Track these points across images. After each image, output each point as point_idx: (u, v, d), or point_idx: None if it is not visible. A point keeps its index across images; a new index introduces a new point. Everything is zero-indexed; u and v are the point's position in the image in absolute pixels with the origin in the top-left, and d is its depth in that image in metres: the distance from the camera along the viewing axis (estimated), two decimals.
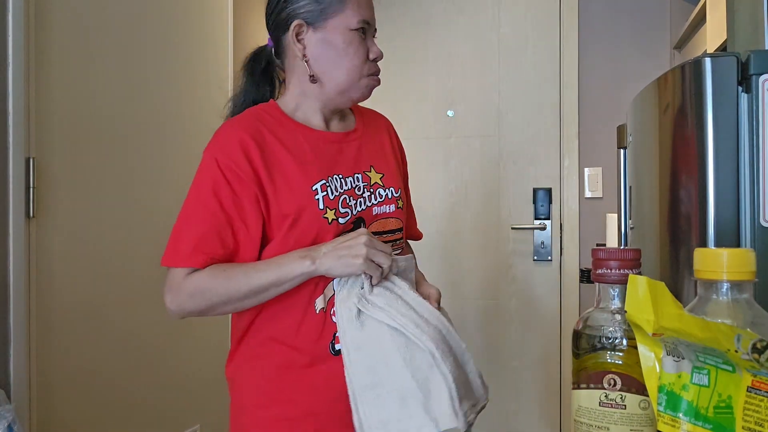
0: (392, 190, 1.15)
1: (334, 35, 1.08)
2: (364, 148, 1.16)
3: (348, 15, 1.08)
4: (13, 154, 1.31)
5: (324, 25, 1.08)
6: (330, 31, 1.08)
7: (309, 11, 1.08)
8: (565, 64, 2.72)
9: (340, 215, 1.06)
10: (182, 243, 1.04)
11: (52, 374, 1.41)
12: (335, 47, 1.08)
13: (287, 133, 1.08)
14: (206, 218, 1.01)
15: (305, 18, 1.08)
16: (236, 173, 1.01)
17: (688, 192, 1.09)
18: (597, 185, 2.68)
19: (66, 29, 1.46)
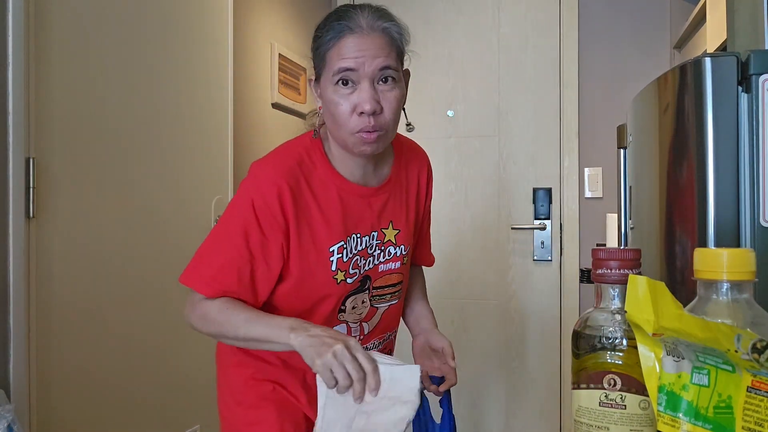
0: (402, 248, 1.16)
1: (324, 89, 1.06)
2: (390, 201, 1.15)
3: (329, 67, 1.03)
4: (13, 154, 1.31)
5: (320, 79, 1.07)
6: (322, 85, 1.06)
7: (316, 65, 1.08)
8: (565, 64, 2.72)
9: (349, 276, 1.09)
10: (204, 269, 1.06)
11: (52, 374, 1.41)
12: (326, 103, 1.06)
13: (322, 184, 1.08)
14: (231, 252, 1.03)
15: (317, 71, 1.08)
16: (269, 220, 1.03)
17: (688, 192, 1.09)
18: (597, 185, 2.68)
19: (66, 29, 1.46)
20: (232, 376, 1.17)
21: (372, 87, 1.01)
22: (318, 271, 1.06)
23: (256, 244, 1.03)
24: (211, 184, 1.99)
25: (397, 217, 1.16)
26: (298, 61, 2.64)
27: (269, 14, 2.45)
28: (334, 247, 1.07)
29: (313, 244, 1.06)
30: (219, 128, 2.03)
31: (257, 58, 2.34)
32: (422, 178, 1.26)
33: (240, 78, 2.21)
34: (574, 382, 0.60)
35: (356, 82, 1.01)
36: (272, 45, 2.44)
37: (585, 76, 2.70)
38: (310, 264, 1.06)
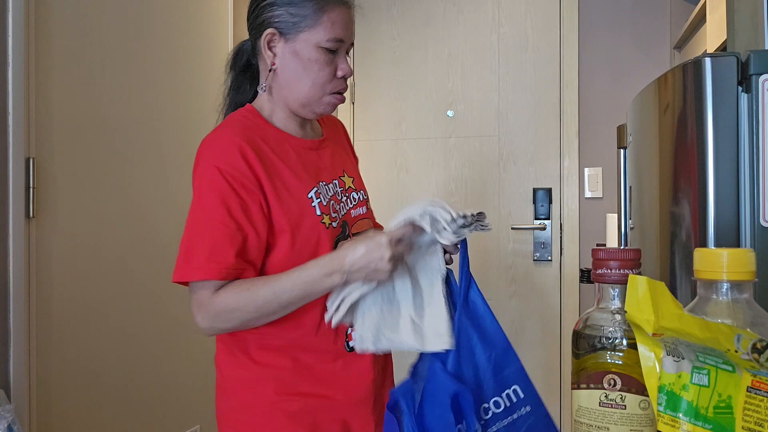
0: (362, 193, 1.20)
1: (303, 49, 1.08)
2: (335, 152, 1.19)
3: (319, 31, 1.07)
4: (13, 154, 1.31)
5: (295, 38, 1.08)
6: (300, 44, 1.08)
7: (283, 21, 1.08)
8: (565, 64, 2.72)
9: (333, 220, 1.10)
10: (194, 255, 1.00)
11: (52, 374, 1.41)
12: (302, 61, 1.08)
13: (274, 140, 1.09)
14: (216, 228, 1.00)
15: (279, 27, 1.08)
16: (241, 181, 1.01)
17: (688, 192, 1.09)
18: (597, 185, 2.68)
19: (66, 29, 1.46)
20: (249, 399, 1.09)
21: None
22: (305, 220, 1.05)
23: (238, 210, 1.00)
24: None
25: (347, 167, 1.21)
26: None
27: None
28: (311, 193, 1.07)
29: (290, 195, 1.05)
30: None
31: None
32: (346, 138, 1.31)
33: None
34: (574, 382, 0.60)
35: (336, 51, 1.10)
36: None
37: (585, 76, 2.71)
38: (295, 215, 1.05)
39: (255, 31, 1.12)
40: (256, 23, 1.11)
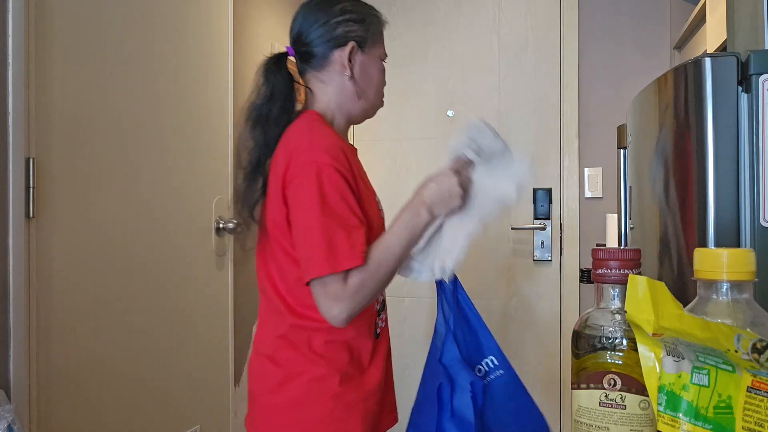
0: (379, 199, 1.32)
1: (372, 61, 1.25)
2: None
3: (381, 46, 1.26)
4: (13, 154, 1.31)
5: (368, 52, 1.24)
6: (370, 57, 1.24)
7: (361, 36, 1.22)
8: (565, 64, 2.72)
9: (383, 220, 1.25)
10: (337, 247, 1.05)
11: (52, 374, 1.41)
12: (370, 72, 1.24)
13: (347, 148, 1.18)
14: (347, 220, 1.07)
15: (357, 41, 1.22)
16: (348, 178, 1.10)
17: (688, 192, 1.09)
18: (597, 185, 2.68)
19: (66, 29, 1.46)
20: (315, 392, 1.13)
21: None
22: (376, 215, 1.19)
23: (355, 204, 1.09)
24: (211, 184, 1.99)
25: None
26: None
27: (269, 14, 2.45)
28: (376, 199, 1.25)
29: (369, 193, 1.19)
30: (219, 128, 2.03)
31: (257, 58, 2.34)
32: None
33: (240, 78, 2.21)
34: (574, 382, 0.60)
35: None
36: (272, 45, 2.43)
37: (585, 76, 2.71)
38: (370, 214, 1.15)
39: (330, 42, 1.21)
40: (332, 36, 1.21)
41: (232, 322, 2.09)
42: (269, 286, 1.18)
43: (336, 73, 1.21)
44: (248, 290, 2.27)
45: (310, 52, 1.22)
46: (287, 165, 1.09)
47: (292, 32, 1.25)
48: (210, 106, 1.99)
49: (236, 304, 2.17)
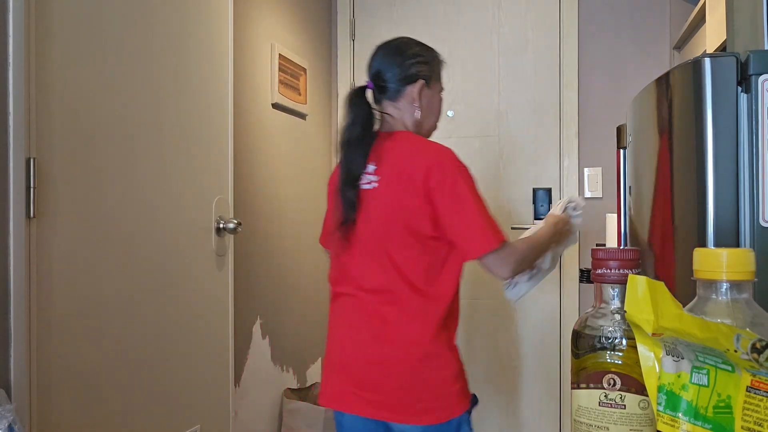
0: None
1: (434, 95, 1.59)
2: None
3: (440, 84, 1.60)
4: (13, 154, 1.31)
5: (431, 87, 1.57)
6: (433, 91, 1.58)
7: (427, 75, 1.55)
8: (564, 65, 2.72)
9: None
10: (495, 225, 1.43)
11: (52, 374, 1.41)
12: (434, 104, 1.59)
13: None
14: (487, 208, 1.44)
15: (425, 79, 1.54)
16: None
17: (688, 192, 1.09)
18: (597, 185, 2.68)
19: (66, 29, 1.46)
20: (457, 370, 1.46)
21: None
22: None
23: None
24: (211, 184, 1.99)
25: None
26: (298, 62, 2.64)
27: (269, 14, 2.45)
28: None
29: None
30: (219, 128, 2.03)
31: (257, 58, 2.34)
32: None
33: (240, 78, 2.21)
34: (573, 382, 0.60)
35: None
36: (272, 45, 2.44)
37: (585, 76, 2.71)
38: None
39: (405, 79, 1.53)
40: (408, 74, 1.53)
41: (232, 322, 2.09)
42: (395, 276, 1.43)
43: (408, 103, 1.53)
44: (248, 290, 2.27)
45: (387, 87, 1.53)
46: (428, 173, 1.39)
47: (372, 70, 1.56)
48: (210, 106, 1.99)
49: (236, 304, 2.17)
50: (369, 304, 1.45)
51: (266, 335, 2.39)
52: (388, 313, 1.43)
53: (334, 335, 1.52)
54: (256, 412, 2.33)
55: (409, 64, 1.52)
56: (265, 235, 2.39)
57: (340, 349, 1.49)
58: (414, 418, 1.41)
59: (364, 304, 1.46)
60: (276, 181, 2.47)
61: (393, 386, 1.41)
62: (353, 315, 1.48)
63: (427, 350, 1.41)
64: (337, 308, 1.53)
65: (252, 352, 2.29)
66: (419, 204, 1.40)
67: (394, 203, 1.42)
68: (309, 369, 2.77)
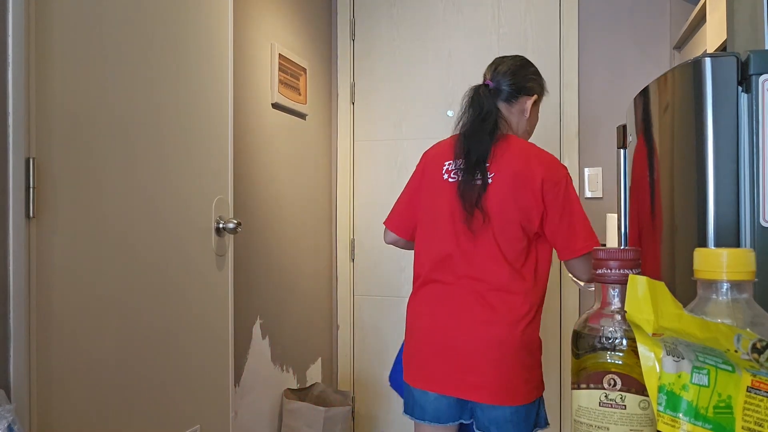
0: None
1: (537, 111, 1.79)
2: None
3: (540, 102, 1.79)
4: (13, 154, 1.31)
5: (538, 102, 1.77)
6: (538, 107, 1.78)
7: (539, 92, 1.76)
8: (565, 64, 2.72)
9: None
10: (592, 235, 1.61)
11: (52, 374, 1.41)
12: (535, 118, 1.78)
13: None
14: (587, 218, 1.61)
15: (537, 94, 1.75)
16: None
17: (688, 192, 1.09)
18: (597, 185, 2.68)
19: (66, 29, 1.46)
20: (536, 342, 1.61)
21: None
22: None
23: None
24: (211, 184, 1.99)
25: None
26: (298, 62, 2.64)
27: (269, 14, 2.45)
28: None
29: None
30: (219, 128, 2.03)
31: (257, 58, 2.34)
32: None
33: (240, 78, 2.21)
34: (574, 382, 0.60)
35: None
36: (272, 45, 2.44)
37: (585, 76, 2.71)
38: None
39: (522, 91, 1.71)
40: (526, 87, 1.72)
41: (232, 322, 2.09)
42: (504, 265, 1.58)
43: (518, 109, 1.72)
44: (248, 290, 2.27)
45: (505, 90, 1.70)
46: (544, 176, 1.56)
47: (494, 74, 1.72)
48: (210, 106, 1.99)
49: (236, 304, 2.17)
50: (477, 291, 1.57)
51: (266, 335, 2.39)
52: (494, 300, 1.56)
53: (427, 320, 1.62)
54: (256, 412, 2.33)
55: (530, 77, 1.73)
56: (265, 235, 2.39)
57: (436, 333, 1.59)
58: (509, 399, 1.53)
59: (472, 291, 1.58)
60: (276, 181, 2.47)
61: (494, 369, 1.53)
62: (453, 301, 1.59)
63: (527, 336, 1.56)
64: (431, 295, 1.63)
65: (252, 352, 2.29)
66: (534, 204, 1.56)
67: (510, 200, 1.56)
68: (309, 369, 2.77)
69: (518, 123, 1.72)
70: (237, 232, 2.06)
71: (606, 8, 2.69)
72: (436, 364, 1.58)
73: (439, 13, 2.90)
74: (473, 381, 1.54)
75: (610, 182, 2.64)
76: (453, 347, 1.56)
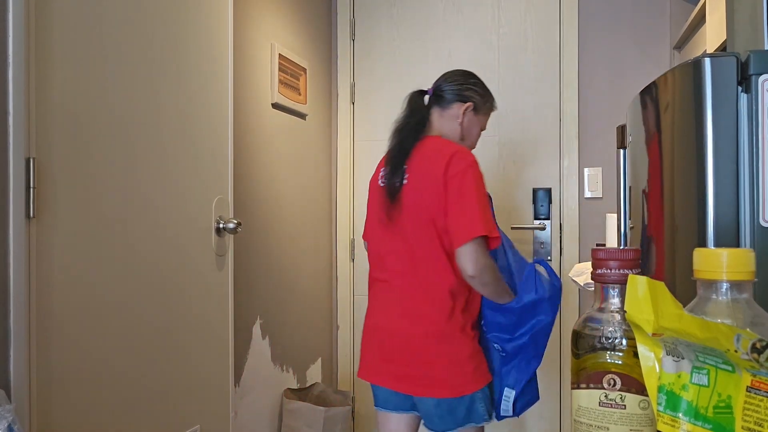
0: None
1: (476, 122, 1.80)
2: None
3: (485, 120, 1.84)
4: (13, 154, 1.31)
5: (477, 114, 1.80)
6: (478, 118, 1.81)
7: (476, 102, 1.78)
8: (564, 64, 2.72)
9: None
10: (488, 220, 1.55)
11: (52, 374, 1.41)
12: (474, 129, 1.81)
13: None
14: (489, 208, 1.59)
15: (474, 104, 1.78)
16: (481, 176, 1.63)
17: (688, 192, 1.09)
18: (597, 185, 2.68)
19: (66, 29, 1.46)
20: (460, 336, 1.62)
21: None
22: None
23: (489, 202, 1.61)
24: (211, 184, 1.99)
25: None
26: (298, 62, 2.64)
27: (269, 14, 2.45)
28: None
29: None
30: (219, 128, 2.03)
31: (257, 58, 2.34)
32: None
33: (240, 78, 2.21)
34: (573, 382, 0.60)
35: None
36: (272, 45, 2.44)
37: (585, 76, 2.71)
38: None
39: (457, 97, 1.76)
40: (461, 94, 1.77)
41: (232, 322, 2.09)
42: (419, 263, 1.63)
43: (451, 115, 1.76)
44: (248, 290, 2.27)
45: (440, 95, 1.77)
46: (447, 166, 1.58)
47: (437, 81, 1.80)
48: (210, 106, 1.99)
49: (236, 304, 2.17)
50: (399, 287, 1.66)
51: (266, 335, 2.39)
52: (413, 295, 1.63)
53: (370, 316, 1.75)
54: (256, 412, 2.33)
55: (466, 87, 1.78)
56: (265, 235, 2.39)
57: (374, 328, 1.72)
58: (429, 391, 1.59)
59: (395, 287, 1.67)
60: (276, 181, 2.47)
61: (414, 360, 1.61)
62: (386, 297, 1.70)
63: (450, 329, 1.59)
64: (374, 292, 1.76)
65: (252, 352, 2.29)
66: (439, 198, 1.59)
67: (421, 197, 1.61)
68: (309, 369, 2.77)
69: (451, 128, 1.76)
70: (237, 232, 2.06)
71: (606, 8, 2.69)
72: (372, 357, 1.71)
73: (439, 13, 2.90)
74: (399, 372, 1.64)
75: (610, 182, 2.64)
76: (382, 341, 1.68)
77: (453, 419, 1.61)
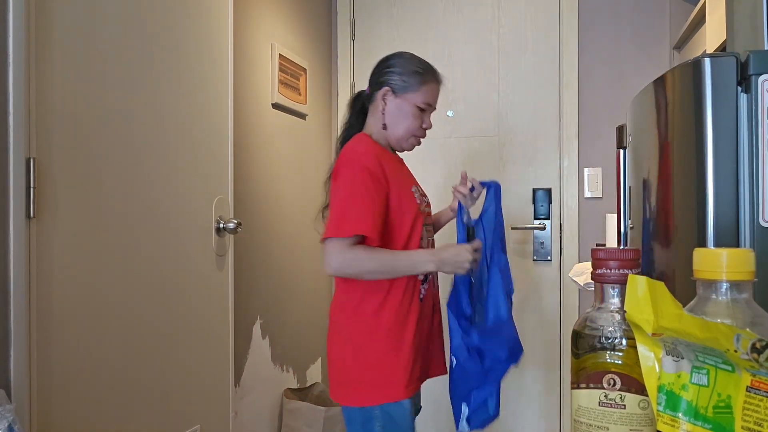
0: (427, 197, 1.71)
1: (405, 105, 1.60)
2: (406, 169, 1.70)
3: (418, 96, 1.60)
4: (13, 154, 1.31)
5: (402, 96, 1.60)
6: (404, 101, 1.60)
7: (396, 83, 1.60)
8: (564, 64, 2.72)
9: (424, 205, 1.62)
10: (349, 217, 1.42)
11: (52, 374, 1.41)
12: (402, 113, 1.61)
13: (383, 154, 1.55)
14: (363, 204, 1.43)
15: (393, 87, 1.60)
16: (378, 178, 1.47)
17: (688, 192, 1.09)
18: (597, 185, 2.68)
19: (67, 29, 1.46)
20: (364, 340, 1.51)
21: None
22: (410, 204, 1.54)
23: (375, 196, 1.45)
24: (211, 184, 1.99)
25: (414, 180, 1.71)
26: (298, 62, 2.64)
27: (269, 14, 2.45)
28: (412, 188, 1.59)
29: (401, 187, 1.53)
30: (219, 128, 2.03)
31: (257, 58, 2.34)
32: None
33: (240, 78, 2.21)
34: (573, 382, 0.60)
35: (425, 110, 1.63)
36: (272, 45, 2.44)
37: (585, 76, 2.71)
38: (405, 201, 1.52)
39: (376, 86, 1.63)
40: (377, 80, 1.63)
41: (232, 322, 2.09)
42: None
43: (376, 108, 1.63)
44: (248, 290, 2.27)
45: (368, 92, 1.67)
46: (336, 167, 1.51)
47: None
48: (210, 106, 1.99)
49: (236, 304, 2.17)
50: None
51: (266, 335, 2.39)
52: (335, 296, 1.59)
53: None
54: (256, 412, 2.33)
55: (382, 71, 1.63)
56: (265, 235, 2.39)
57: None
58: (335, 396, 1.54)
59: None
60: (276, 181, 2.47)
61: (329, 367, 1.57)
62: None
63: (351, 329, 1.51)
64: None
65: (252, 352, 2.29)
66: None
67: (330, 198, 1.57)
68: (309, 369, 2.77)
69: (375, 121, 1.63)
70: (237, 232, 2.06)
71: (606, 8, 2.69)
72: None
73: (439, 13, 2.90)
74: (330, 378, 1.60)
75: (610, 182, 2.65)
76: None
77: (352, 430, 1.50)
